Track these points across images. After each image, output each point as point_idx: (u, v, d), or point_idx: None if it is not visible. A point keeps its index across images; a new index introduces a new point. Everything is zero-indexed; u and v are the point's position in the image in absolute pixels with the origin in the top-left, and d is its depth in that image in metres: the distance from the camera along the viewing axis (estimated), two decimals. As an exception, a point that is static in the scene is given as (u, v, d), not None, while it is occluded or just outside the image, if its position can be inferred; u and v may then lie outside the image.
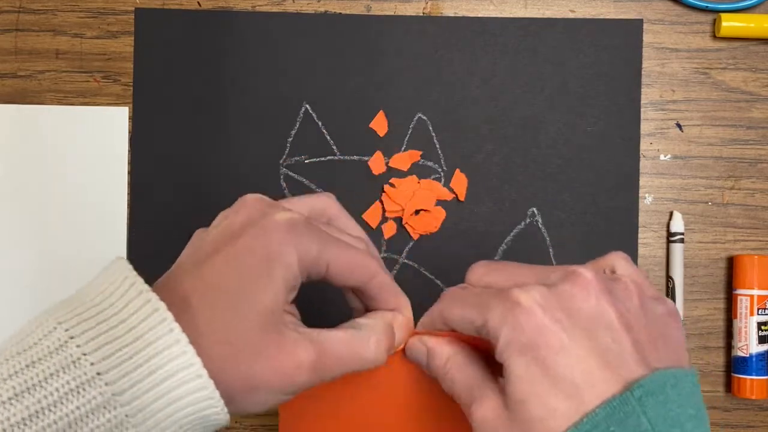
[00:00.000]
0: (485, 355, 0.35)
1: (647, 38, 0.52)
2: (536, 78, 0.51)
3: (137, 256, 0.51)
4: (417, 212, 0.51)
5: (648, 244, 0.51)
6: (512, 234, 0.51)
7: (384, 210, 0.51)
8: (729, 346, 0.51)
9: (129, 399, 0.28)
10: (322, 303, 0.41)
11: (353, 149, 0.51)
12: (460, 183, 0.51)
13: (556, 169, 0.51)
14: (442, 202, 0.51)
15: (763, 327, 0.49)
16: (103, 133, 0.51)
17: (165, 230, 0.51)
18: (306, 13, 0.52)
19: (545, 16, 0.52)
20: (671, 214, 0.51)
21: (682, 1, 0.52)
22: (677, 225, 0.51)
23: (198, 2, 0.52)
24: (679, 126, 0.52)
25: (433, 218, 0.51)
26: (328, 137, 0.51)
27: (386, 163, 0.51)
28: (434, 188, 0.51)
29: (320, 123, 0.51)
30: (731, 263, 0.51)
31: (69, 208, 0.51)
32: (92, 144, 0.51)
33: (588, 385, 0.29)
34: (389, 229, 0.51)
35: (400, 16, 0.52)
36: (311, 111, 0.51)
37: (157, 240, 0.51)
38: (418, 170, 0.51)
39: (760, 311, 0.49)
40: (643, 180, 0.51)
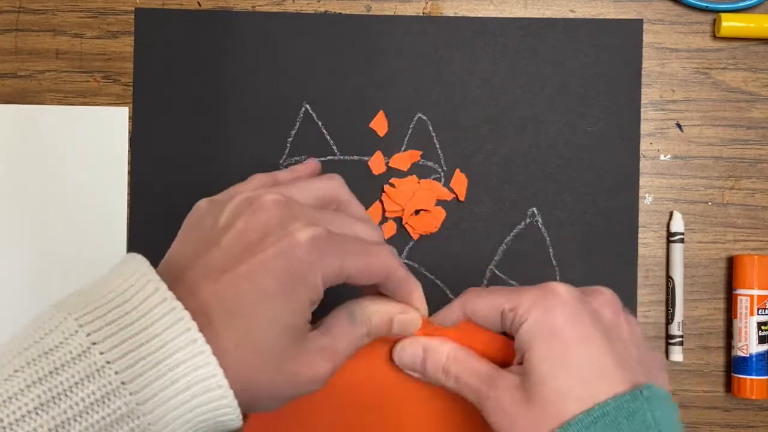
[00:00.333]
0: (479, 354, 0.36)
1: (647, 38, 0.52)
2: (536, 78, 0.51)
3: (137, 256, 0.51)
4: (417, 212, 0.51)
5: (648, 244, 0.51)
6: (512, 234, 0.51)
7: (384, 210, 0.51)
8: (729, 346, 0.51)
9: (151, 408, 0.28)
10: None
11: (353, 149, 0.51)
12: (460, 183, 0.51)
13: (556, 169, 0.51)
14: (442, 202, 0.51)
15: (763, 327, 0.49)
16: (103, 133, 0.51)
17: (165, 230, 0.51)
18: (306, 13, 0.52)
19: (545, 16, 0.52)
20: (671, 214, 0.51)
21: (682, 1, 0.52)
22: (677, 225, 0.51)
23: (198, 2, 0.52)
24: (679, 126, 0.52)
25: (433, 218, 0.51)
26: (328, 137, 0.51)
27: (386, 163, 0.51)
28: (434, 188, 0.51)
29: (320, 123, 0.51)
30: (731, 263, 0.51)
31: (69, 208, 0.51)
32: (92, 144, 0.51)
33: (603, 378, 0.31)
34: (389, 229, 0.51)
35: (400, 16, 0.52)
36: (311, 111, 0.51)
37: (157, 240, 0.51)
38: (418, 170, 0.51)
39: (760, 311, 0.49)
40: (643, 180, 0.51)
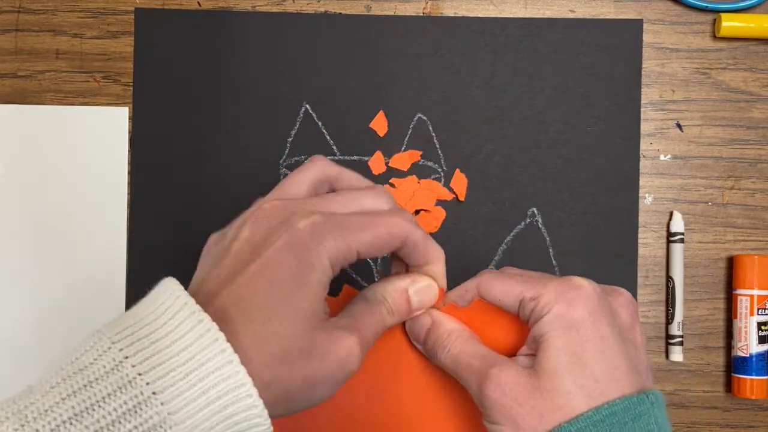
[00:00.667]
0: (482, 333, 0.36)
1: (647, 38, 0.52)
2: (536, 78, 0.51)
3: (137, 257, 0.51)
4: (417, 212, 0.51)
5: (648, 244, 0.51)
6: (512, 234, 0.51)
7: (384, 210, 0.51)
8: (729, 346, 0.51)
9: (183, 418, 0.28)
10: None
11: (353, 149, 0.51)
12: (460, 183, 0.51)
13: (556, 169, 0.51)
14: (442, 202, 0.51)
15: (763, 327, 0.49)
16: (103, 133, 0.51)
17: (165, 230, 0.51)
18: (306, 13, 0.52)
19: (545, 16, 0.52)
20: (671, 214, 0.51)
21: (682, 1, 0.52)
22: (677, 225, 0.51)
23: (198, 2, 0.52)
24: (679, 126, 0.52)
25: (433, 218, 0.51)
26: (328, 137, 0.51)
27: (386, 163, 0.51)
28: (434, 188, 0.51)
29: (320, 123, 0.51)
30: (731, 263, 0.51)
31: (69, 208, 0.51)
32: (92, 144, 0.51)
33: (615, 378, 0.32)
34: (389, 229, 0.51)
35: (400, 16, 0.52)
36: (311, 111, 0.51)
37: (157, 240, 0.51)
38: (418, 170, 0.51)
39: (760, 311, 0.49)
40: (643, 180, 0.51)
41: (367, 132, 0.51)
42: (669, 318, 0.51)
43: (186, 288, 0.31)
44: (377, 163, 0.51)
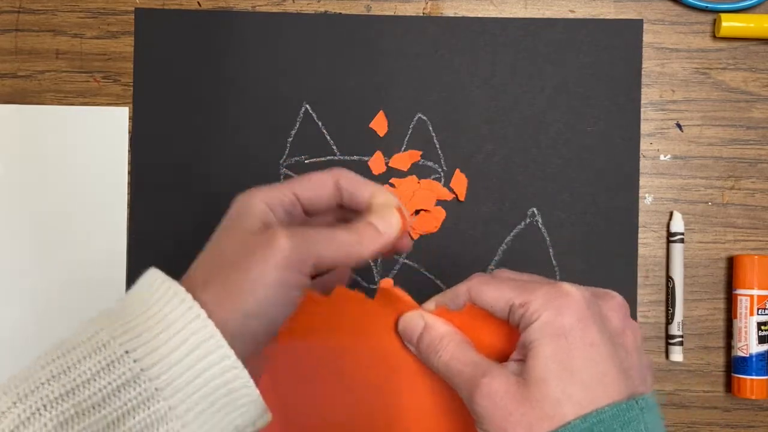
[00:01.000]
0: (475, 338, 0.36)
1: (647, 38, 0.52)
2: (536, 78, 0.51)
3: (137, 256, 0.51)
4: (417, 212, 0.51)
5: (648, 244, 0.51)
6: (512, 234, 0.51)
7: (384, 210, 0.51)
8: (729, 346, 0.51)
9: (157, 373, 0.30)
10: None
11: (353, 149, 0.51)
12: (460, 183, 0.51)
13: (556, 169, 0.51)
14: (442, 202, 0.51)
15: (763, 327, 0.49)
16: (103, 133, 0.51)
17: (165, 230, 0.51)
18: (306, 13, 0.52)
19: (545, 16, 0.52)
20: (671, 214, 0.51)
21: (682, 1, 0.52)
22: (677, 225, 0.51)
23: (198, 2, 0.52)
24: (679, 126, 0.52)
25: (433, 218, 0.51)
26: (328, 137, 0.51)
27: (386, 163, 0.51)
28: (434, 188, 0.51)
29: (320, 123, 0.51)
30: (731, 263, 0.51)
31: (69, 208, 0.51)
32: (92, 144, 0.51)
33: (603, 385, 0.32)
34: (389, 229, 0.51)
35: (400, 16, 0.52)
36: (311, 111, 0.51)
37: (157, 240, 0.51)
38: (418, 170, 0.51)
39: (760, 311, 0.49)
40: (643, 180, 0.51)
41: (367, 132, 0.51)
42: (669, 318, 0.51)
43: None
44: (377, 163, 0.51)
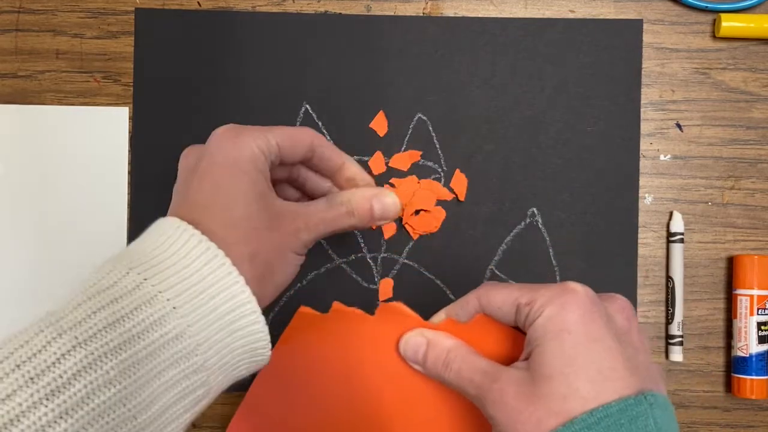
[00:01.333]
0: (483, 349, 0.36)
1: (647, 38, 0.52)
2: (536, 78, 0.51)
3: (137, 256, 0.51)
4: (417, 212, 0.51)
5: (648, 244, 0.51)
6: (512, 234, 0.51)
7: (384, 210, 0.51)
8: (729, 346, 0.51)
9: (198, 330, 0.32)
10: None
11: (353, 149, 0.51)
12: (460, 183, 0.51)
13: (556, 169, 0.51)
14: (442, 202, 0.51)
15: (763, 327, 0.49)
16: (103, 133, 0.51)
17: (165, 230, 0.51)
18: (306, 13, 0.52)
19: (545, 16, 0.52)
20: (671, 214, 0.51)
21: (682, 1, 0.52)
22: (677, 225, 0.51)
23: (198, 2, 0.52)
24: (679, 126, 0.52)
25: (433, 218, 0.51)
26: (328, 137, 0.51)
27: (386, 163, 0.51)
28: (434, 188, 0.51)
29: (320, 123, 0.51)
30: (731, 263, 0.51)
31: (69, 208, 0.51)
32: (92, 144, 0.51)
33: (610, 380, 0.32)
34: (389, 229, 0.51)
35: (400, 16, 0.52)
36: (311, 111, 0.51)
37: (157, 240, 0.51)
38: (418, 170, 0.51)
39: (760, 311, 0.49)
40: (643, 180, 0.51)
41: (367, 132, 0.51)
42: (669, 318, 0.51)
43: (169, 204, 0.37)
44: (377, 163, 0.51)
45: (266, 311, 0.37)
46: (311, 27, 0.52)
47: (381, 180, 0.51)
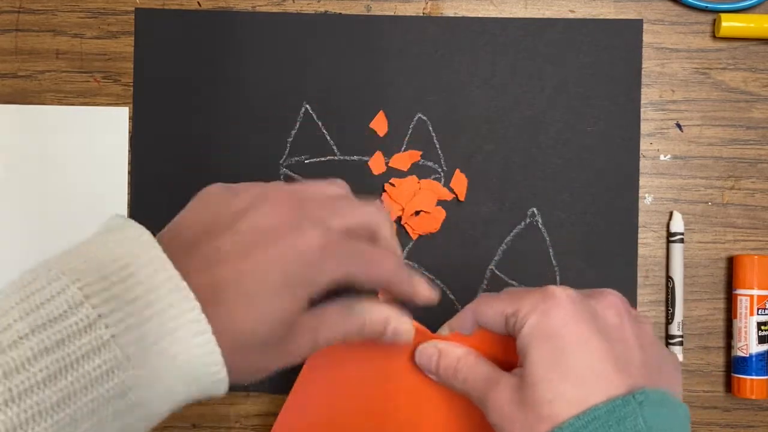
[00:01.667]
0: (492, 358, 0.37)
1: (647, 38, 0.52)
2: (536, 78, 0.51)
3: (137, 256, 0.51)
4: (417, 212, 0.51)
5: (648, 244, 0.51)
6: (512, 234, 0.51)
7: (384, 210, 0.51)
8: (729, 346, 0.51)
9: (150, 382, 0.28)
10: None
11: (353, 149, 0.51)
12: (460, 183, 0.51)
13: (556, 169, 0.51)
14: (442, 202, 0.51)
15: (763, 327, 0.49)
16: (103, 133, 0.51)
17: (165, 230, 0.51)
18: (306, 13, 0.52)
19: (545, 16, 0.52)
20: (671, 214, 0.51)
21: (682, 1, 0.51)
22: (677, 225, 0.51)
23: (198, 2, 0.52)
24: (679, 126, 0.52)
25: (433, 218, 0.51)
26: (328, 137, 0.51)
27: (386, 163, 0.51)
28: (434, 188, 0.51)
29: (320, 123, 0.51)
30: (731, 263, 0.51)
31: (69, 208, 0.51)
32: (92, 144, 0.51)
33: (597, 382, 0.32)
34: (389, 229, 0.51)
35: (400, 16, 0.52)
36: (311, 111, 0.51)
37: (157, 240, 0.51)
38: (418, 170, 0.51)
39: (760, 311, 0.49)
40: (643, 180, 0.51)
41: (367, 132, 0.51)
42: (669, 318, 0.51)
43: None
44: (377, 163, 0.51)
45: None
46: (311, 27, 0.52)
47: (381, 180, 0.51)
